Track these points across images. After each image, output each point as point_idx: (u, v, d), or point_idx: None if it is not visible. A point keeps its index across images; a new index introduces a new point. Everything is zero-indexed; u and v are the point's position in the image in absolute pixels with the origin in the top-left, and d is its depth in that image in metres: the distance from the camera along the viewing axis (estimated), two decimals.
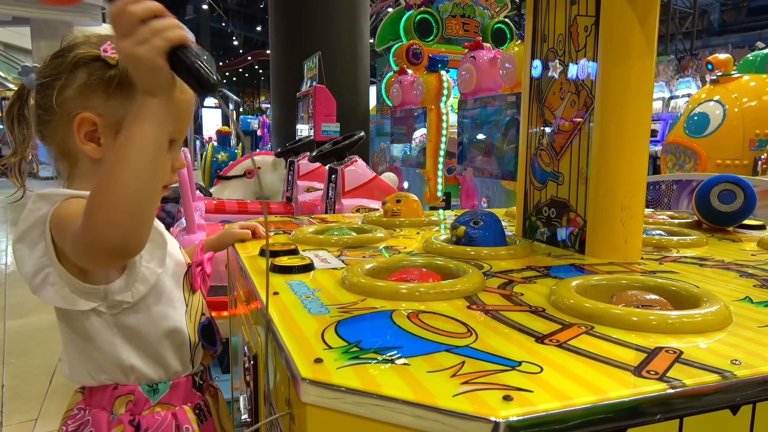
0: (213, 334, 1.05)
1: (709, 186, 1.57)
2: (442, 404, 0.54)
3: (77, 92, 0.86)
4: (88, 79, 0.86)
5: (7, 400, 2.63)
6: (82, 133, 0.87)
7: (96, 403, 0.94)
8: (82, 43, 0.88)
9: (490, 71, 4.11)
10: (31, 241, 0.84)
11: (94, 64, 0.86)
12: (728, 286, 1.00)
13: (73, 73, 0.86)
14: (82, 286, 0.85)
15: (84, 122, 0.86)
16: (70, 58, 0.87)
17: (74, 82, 0.86)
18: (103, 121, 0.87)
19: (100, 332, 0.90)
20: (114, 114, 0.87)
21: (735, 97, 5.17)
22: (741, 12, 22.39)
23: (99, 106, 0.86)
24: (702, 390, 0.59)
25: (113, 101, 0.86)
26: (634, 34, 1.15)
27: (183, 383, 0.98)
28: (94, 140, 0.88)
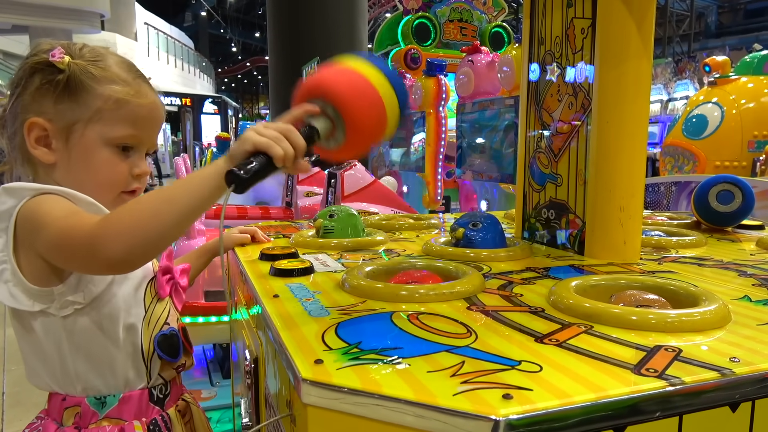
0: (175, 346, 0.99)
1: (708, 186, 1.57)
2: (443, 403, 0.54)
3: (31, 98, 0.88)
4: (40, 84, 0.87)
5: (8, 407, 2.63)
6: (33, 137, 0.87)
7: (51, 413, 0.92)
8: (44, 50, 0.88)
9: (488, 75, 4.12)
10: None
11: (47, 69, 0.87)
12: (727, 286, 1.00)
13: (30, 79, 0.88)
14: (32, 288, 0.84)
15: (33, 127, 0.87)
16: (26, 65, 0.89)
17: (29, 87, 0.88)
18: (53, 126, 0.87)
19: (48, 334, 0.88)
20: (63, 118, 0.87)
21: (733, 98, 5.19)
22: (738, 14, 22.47)
23: (49, 111, 0.87)
24: (701, 387, 0.59)
25: (62, 105, 0.87)
26: (631, 36, 1.16)
27: (136, 397, 0.94)
28: (46, 145, 0.88)
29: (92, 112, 0.88)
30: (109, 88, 0.89)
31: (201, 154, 13.89)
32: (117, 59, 0.93)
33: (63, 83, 0.86)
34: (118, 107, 0.89)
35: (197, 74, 29.46)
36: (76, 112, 0.87)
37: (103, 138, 0.89)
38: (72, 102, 0.87)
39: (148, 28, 22.59)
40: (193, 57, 29.43)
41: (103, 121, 0.89)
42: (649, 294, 0.86)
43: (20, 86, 0.88)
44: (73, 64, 0.87)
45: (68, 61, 0.87)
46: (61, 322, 0.88)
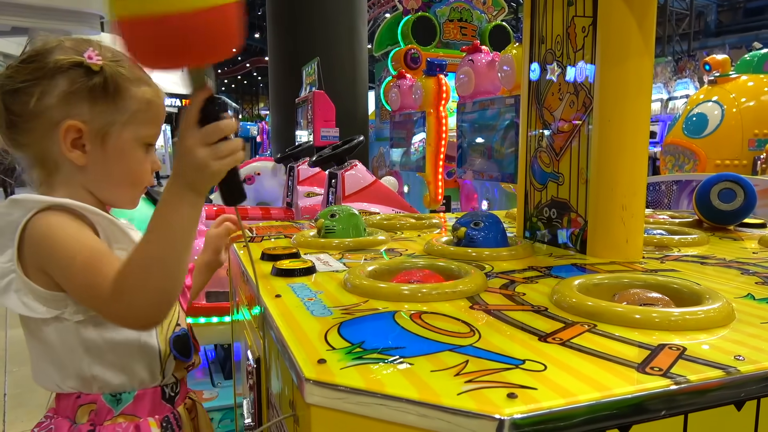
0: (188, 346, 1.01)
1: (710, 185, 1.57)
2: (447, 403, 0.54)
3: (60, 99, 0.85)
4: (71, 86, 0.85)
5: (10, 408, 2.63)
6: (68, 140, 0.86)
7: (62, 411, 0.91)
8: (58, 47, 0.86)
9: (489, 74, 4.12)
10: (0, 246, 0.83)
11: (75, 70, 0.85)
12: (730, 284, 1.00)
13: (53, 79, 0.85)
14: (45, 293, 0.83)
15: (70, 130, 0.85)
16: (50, 64, 0.85)
17: (55, 88, 0.85)
18: (88, 129, 0.86)
19: (62, 340, 0.87)
20: (99, 121, 0.86)
21: (733, 97, 5.19)
22: (737, 13, 22.46)
23: (84, 114, 0.86)
24: (706, 386, 0.59)
25: (98, 108, 0.86)
26: (632, 34, 1.16)
27: (150, 394, 0.94)
28: (79, 147, 0.87)
29: (129, 114, 0.88)
30: (141, 90, 0.89)
31: None
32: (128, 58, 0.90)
33: (100, 85, 0.85)
34: (148, 108, 0.90)
35: None
36: (113, 113, 0.87)
37: (137, 138, 0.90)
38: (108, 104, 0.87)
39: None
40: None
41: (137, 122, 0.89)
42: (653, 292, 0.86)
43: (40, 86, 0.84)
44: (106, 66, 0.86)
45: (102, 63, 0.85)
46: (75, 327, 0.87)
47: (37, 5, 12.73)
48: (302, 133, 5.58)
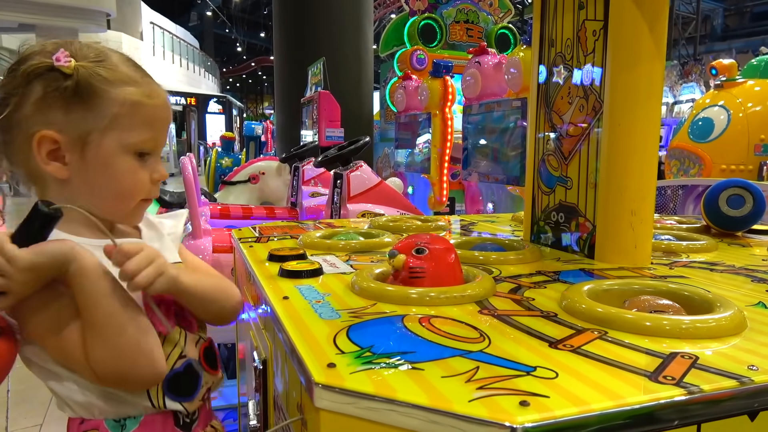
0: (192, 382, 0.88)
1: (718, 191, 1.56)
2: (458, 409, 0.54)
3: (34, 108, 0.78)
4: (44, 93, 0.77)
5: (13, 404, 2.63)
6: (44, 152, 0.79)
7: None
8: (37, 53, 0.79)
9: (495, 76, 4.12)
10: None
11: (49, 75, 0.78)
12: (740, 291, 0.99)
13: (28, 87, 0.78)
14: None
15: (44, 141, 0.78)
16: (22, 71, 0.78)
17: (30, 97, 0.78)
18: (65, 138, 0.79)
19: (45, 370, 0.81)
20: (76, 128, 0.79)
21: (739, 102, 5.16)
22: (744, 17, 22.40)
23: (59, 122, 0.78)
24: (720, 396, 0.59)
25: (73, 115, 0.78)
26: (643, 38, 1.15)
27: (160, 420, 0.84)
28: (59, 159, 0.80)
29: (108, 119, 0.80)
30: (123, 91, 0.80)
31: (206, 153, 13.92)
32: (120, 56, 0.85)
33: (72, 89, 0.78)
34: (134, 111, 0.81)
35: (202, 74, 29.53)
36: (90, 120, 0.79)
37: (121, 145, 0.81)
38: (84, 110, 0.79)
39: (154, 27, 22.65)
40: (198, 56, 29.49)
41: (120, 127, 0.81)
42: (663, 299, 0.85)
43: (16, 96, 0.78)
44: (81, 68, 0.78)
45: (74, 64, 0.78)
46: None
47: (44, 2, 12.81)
48: (307, 132, 5.59)
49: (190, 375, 0.87)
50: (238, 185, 4.32)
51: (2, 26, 14.00)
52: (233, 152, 8.12)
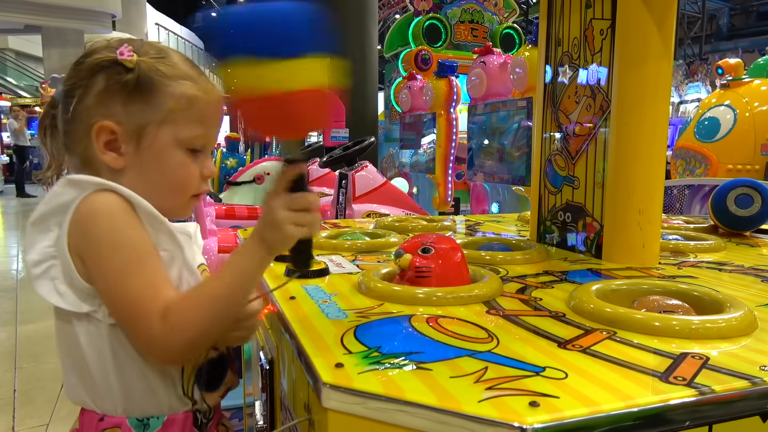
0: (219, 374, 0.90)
1: (726, 190, 1.55)
2: (468, 410, 0.53)
3: (96, 99, 0.81)
4: (106, 85, 0.81)
5: (19, 404, 2.64)
6: (102, 142, 0.81)
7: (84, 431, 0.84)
8: (102, 48, 0.83)
9: (501, 76, 4.11)
10: (45, 226, 0.79)
11: (112, 68, 0.81)
12: (749, 291, 0.99)
13: (92, 79, 0.82)
14: (83, 285, 0.78)
15: (102, 131, 0.81)
16: (87, 64, 0.82)
17: (93, 88, 0.81)
18: (122, 129, 0.82)
19: (91, 343, 0.81)
20: (134, 121, 0.82)
21: (746, 101, 5.14)
22: (750, 16, 22.29)
23: (118, 113, 0.81)
24: (731, 396, 0.58)
25: (132, 107, 0.82)
26: (651, 37, 1.14)
27: (181, 420, 0.85)
28: (115, 149, 0.82)
29: (165, 113, 0.82)
30: (180, 86, 0.83)
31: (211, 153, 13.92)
32: (180, 56, 0.88)
33: (133, 83, 0.81)
34: (189, 106, 0.84)
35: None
36: (147, 113, 0.82)
37: (176, 139, 0.84)
38: (143, 103, 0.82)
39: (159, 28, 22.72)
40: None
41: (175, 121, 0.83)
42: (673, 299, 0.85)
43: (81, 88, 0.81)
44: (142, 62, 0.81)
45: (137, 59, 0.81)
46: (107, 331, 0.80)
47: (50, 4, 12.86)
48: (312, 133, 5.59)
49: (220, 367, 0.90)
50: (243, 186, 4.32)
51: (8, 27, 14.08)
52: (238, 153, 8.13)
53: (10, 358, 3.21)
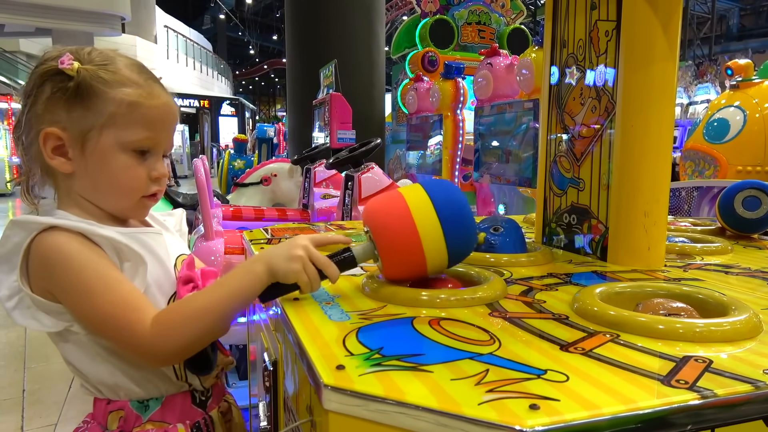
0: (208, 358, 0.95)
1: (733, 192, 1.54)
2: (468, 412, 0.53)
3: (43, 107, 0.85)
4: (51, 93, 0.85)
5: (28, 404, 2.66)
6: (49, 148, 0.86)
7: (96, 417, 0.92)
8: (52, 57, 0.86)
9: (507, 78, 4.10)
10: (10, 265, 0.84)
11: (57, 77, 0.85)
12: (756, 294, 0.98)
13: (41, 87, 0.86)
14: (53, 306, 0.84)
15: (49, 137, 0.85)
16: (36, 73, 0.87)
17: (41, 96, 0.86)
18: (68, 135, 0.85)
19: (77, 351, 0.88)
20: (77, 126, 0.85)
21: (756, 102, 5.10)
22: (761, 16, 22.12)
23: (62, 120, 0.85)
24: (734, 400, 0.58)
25: (75, 113, 0.85)
26: (657, 38, 1.14)
27: (179, 399, 0.93)
28: (63, 155, 0.87)
29: (105, 118, 0.86)
30: (120, 92, 0.86)
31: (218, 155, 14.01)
32: (127, 61, 0.91)
33: (73, 90, 0.84)
34: (131, 110, 0.87)
35: (215, 76, 29.76)
36: (89, 118, 0.85)
37: (118, 143, 0.87)
38: (84, 109, 0.85)
39: (168, 30, 22.87)
40: (212, 59, 29.72)
41: (117, 125, 0.87)
42: (677, 302, 0.84)
43: (32, 96, 0.86)
44: (83, 70, 0.85)
45: (77, 66, 0.84)
46: (87, 339, 0.87)
47: (60, 7, 12.98)
48: (319, 135, 5.60)
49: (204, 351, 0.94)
50: (251, 187, 4.34)
51: (20, 30, 14.20)
52: (246, 154, 8.17)
53: (20, 358, 3.24)
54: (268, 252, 0.85)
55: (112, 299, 0.81)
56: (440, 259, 0.87)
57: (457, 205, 0.87)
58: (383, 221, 0.87)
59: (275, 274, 0.83)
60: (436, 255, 0.86)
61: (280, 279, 0.84)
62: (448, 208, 0.85)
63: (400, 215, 0.85)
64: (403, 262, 0.88)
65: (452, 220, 0.85)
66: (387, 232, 0.86)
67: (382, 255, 0.88)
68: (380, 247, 0.88)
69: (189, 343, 0.82)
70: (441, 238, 0.85)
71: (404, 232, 0.84)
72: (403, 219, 0.85)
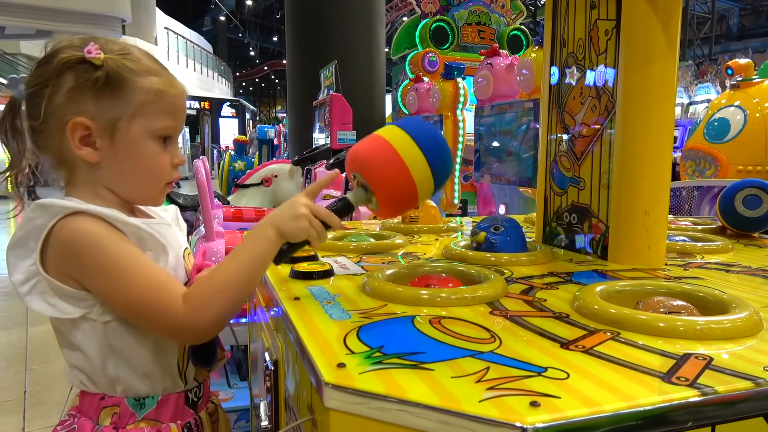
0: (209, 352, 0.98)
1: (734, 191, 1.54)
2: (468, 410, 0.53)
3: (66, 97, 0.84)
4: (76, 83, 0.84)
5: (29, 406, 2.66)
6: (77, 138, 0.85)
7: (85, 411, 0.91)
8: (66, 47, 0.86)
9: (507, 78, 4.10)
10: (26, 249, 0.83)
11: (80, 66, 0.84)
12: (756, 293, 0.98)
13: (60, 78, 0.84)
14: (72, 291, 0.83)
15: (77, 127, 0.85)
16: (54, 64, 0.85)
17: (62, 87, 0.84)
18: (96, 124, 0.85)
19: (88, 340, 0.88)
20: (106, 115, 0.85)
21: (756, 102, 5.09)
22: (761, 16, 22.12)
23: (90, 110, 0.85)
24: (735, 397, 0.58)
25: (103, 102, 0.85)
26: (656, 37, 1.14)
27: (173, 400, 0.94)
28: (90, 144, 0.86)
29: (135, 107, 0.86)
30: (148, 80, 0.87)
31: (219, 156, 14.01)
32: (142, 51, 0.91)
33: (103, 79, 0.84)
34: (158, 99, 0.88)
35: (216, 78, 29.77)
36: (118, 107, 0.85)
37: (148, 131, 0.88)
38: (114, 98, 0.85)
39: (168, 32, 22.89)
40: (212, 61, 29.74)
41: (146, 114, 0.87)
42: (677, 300, 0.84)
43: (49, 87, 0.84)
44: (109, 59, 0.85)
45: (104, 56, 0.84)
46: (103, 327, 0.87)
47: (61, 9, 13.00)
48: (319, 135, 5.60)
49: (208, 345, 0.97)
50: (251, 188, 4.35)
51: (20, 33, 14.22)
52: (246, 155, 8.17)
53: (21, 359, 3.24)
54: (273, 216, 0.86)
55: (146, 280, 0.82)
56: (427, 181, 0.90)
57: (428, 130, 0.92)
58: (369, 159, 0.90)
59: (285, 234, 0.85)
60: (423, 178, 0.89)
61: (290, 238, 0.86)
62: (421, 133, 0.90)
63: (384, 149, 0.88)
64: (395, 191, 0.89)
65: (428, 143, 0.89)
66: (374, 168, 0.89)
67: (375, 190, 0.90)
68: (371, 184, 0.89)
69: (222, 314, 0.83)
70: (423, 160, 0.88)
71: (390, 162, 0.87)
72: (386, 151, 0.88)
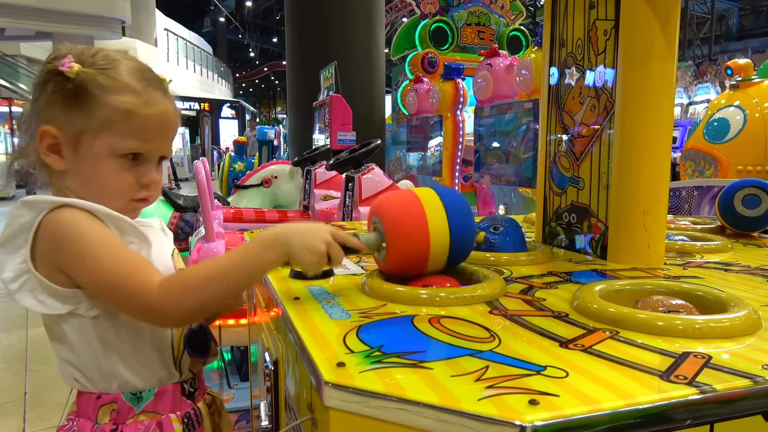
0: (204, 342, 1.01)
1: (733, 191, 1.54)
2: (468, 408, 0.53)
3: (44, 105, 0.88)
4: (52, 92, 0.87)
5: (30, 407, 2.66)
6: (44, 145, 0.88)
7: (83, 413, 0.92)
8: (61, 56, 0.87)
9: (507, 78, 4.11)
10: (13, 246, 0.84)
11: (57, 77, 0.86)
12: (755, 292, 0.98)
13: (44, 86, 0.88)
14: (59, 290, 0.85)
15: (45, 135, 0.87)
16: (42, 71, 0.89)
17: (44, 94, 0.88)
18: (63, 134, 0.87)
19: (80, 336, 0.88)
20: (72, 128, 0.87)
21: (756, 102, 5.10)
22: (760, 16, 22.13)
23: (59, 119, 0.87)
24: (733, 395, 0.58)
25: (71, 115, 0.86)
26: (655, 37, 1.14)
27: (170, 391, 0.95)
28: (57, 152, 0.88)
29: (100, 123, 0.87)
30: (115, 99, 0.87)
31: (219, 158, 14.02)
32: (131, 66, 0.91)
33: (71, 92, 0.86)
34: (125, 118, 0.87)
35: (215, 79, 29.79)
36: (84, 121, 0.87)
37: (111, 148, 0.88)
38: (80, 111, 0.86)
39: (168, 33, 22.91)
40: (212, 62, 29.77)
41: (111, 132, 0.87)
42: (676, 299, 0.85)
43: (36, 93, 0.89)
44: (83, 73, 0.85)
45: (78, 69, 0.85)
46: (92, 322, 0.88)
47: (60, 10, 13.01)
48: (319, 136, 5.61)
49: (202, 335, 1.00)
50: (251, 189, 4.35)
51: (20, 34, 14.23)
52: (246, 156, 8.18)
53: (21, 361, 3.24)
54: (290, 236, 0.86)
55: (119, 260, 0.83)
56: (441, 260, 0.94)
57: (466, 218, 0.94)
58: (398, 215, 0.92)
59: (291, 258, 0.86)
60: (438, 257, 0.92)
61: (293, 265, 0.88)
62: (458, 217, 0.92)
63: (416, 214, 0.91)
64: (408, 256, 0.92)
65: (459, 230, 0.92)
66: (400, 226, 0.91)
67: (390, 247, 0.92)
68: (390, 239, 0.92)
69: (197, 306, 0.83)
70: (447, 242, 0.91)
71: (416, 230, 0.90)
72: (417, 218, 0.90)
